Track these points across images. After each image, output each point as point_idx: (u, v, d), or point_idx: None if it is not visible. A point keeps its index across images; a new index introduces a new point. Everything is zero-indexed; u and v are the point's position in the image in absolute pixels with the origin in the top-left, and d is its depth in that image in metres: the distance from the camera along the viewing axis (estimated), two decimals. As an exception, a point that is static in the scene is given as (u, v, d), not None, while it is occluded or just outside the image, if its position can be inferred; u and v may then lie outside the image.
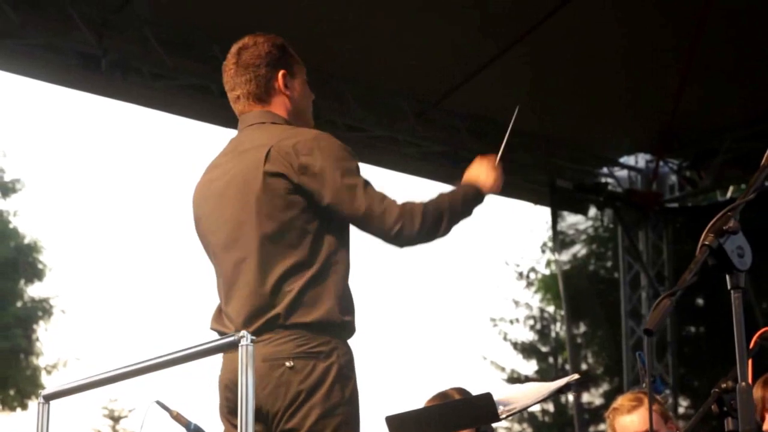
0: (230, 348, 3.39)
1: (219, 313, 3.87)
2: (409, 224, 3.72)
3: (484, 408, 4.00)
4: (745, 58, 9.75)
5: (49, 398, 3.77)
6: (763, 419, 4.71)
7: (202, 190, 3.98)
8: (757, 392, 4.80)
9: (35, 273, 22.98)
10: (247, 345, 3.22)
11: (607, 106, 10.53)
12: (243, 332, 3.26)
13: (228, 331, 3.74)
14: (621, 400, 5.35)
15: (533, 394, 4.22)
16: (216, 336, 3.80)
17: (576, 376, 4.16)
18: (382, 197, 3.75)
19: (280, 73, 3.97)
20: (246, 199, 3.77)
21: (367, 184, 3.76)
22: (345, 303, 3.75)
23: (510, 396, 4.18)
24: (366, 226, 3.75)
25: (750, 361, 3.72)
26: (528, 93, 10.23)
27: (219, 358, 3.81)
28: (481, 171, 4.02)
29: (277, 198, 3.72)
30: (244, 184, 3.78)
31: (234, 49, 4.02)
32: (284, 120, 3.94)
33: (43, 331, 22.99)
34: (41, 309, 22.91)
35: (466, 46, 9.49)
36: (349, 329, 3.76)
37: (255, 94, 3.96)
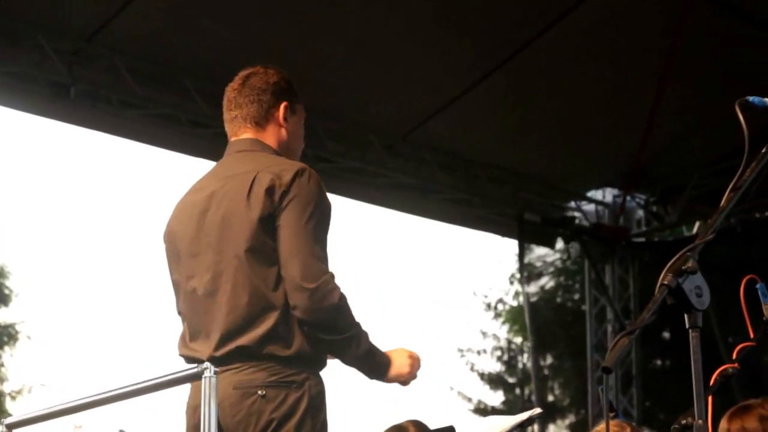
0: (195, 379, 3.39)
1: (185, 339, 3.84)
2: (330, 294, 3.65)
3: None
4: (713, 97, 9.84)
5: (11, 427, 3.77)
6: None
7: (184, 210, 3.96)
8: (723, 425, 4.83)
9: (1, 298, 22.82)
10: (210, 377, 3.24)
11: (575, 141, 10.60)
12: (206, 364, 3.27)
13: (197, 355, 3.72)
14: (599, 427, 5.36)
15: (495, 428, 4.23)
16: (183, 362, 3.79)
17: (538, 410, 4.18)
18: (325, 266, 3.70)
19: (283, 105, 3.99)
20: (228, 225, 3.76)
21: (323, 245, 3.73)
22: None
23: (473, 429, 4.19)
24: (289, 269, 3.66)
25: (710, 398, 3.76)
26: (497, 127, 10.30)
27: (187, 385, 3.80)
28: (402, 360, 3.90)
29: (257, 226, 3.70)
30: (227, 209, 3.78)
31: (243, 73, 4.05)
32: (273, 151, 3.94)
33: (8, 356, 22.79)
34: (7, 334, 22.72)
35: (436, 80, 9.54)
36: (321, 362, 3.77)
37: (253, 117, 3.96)
